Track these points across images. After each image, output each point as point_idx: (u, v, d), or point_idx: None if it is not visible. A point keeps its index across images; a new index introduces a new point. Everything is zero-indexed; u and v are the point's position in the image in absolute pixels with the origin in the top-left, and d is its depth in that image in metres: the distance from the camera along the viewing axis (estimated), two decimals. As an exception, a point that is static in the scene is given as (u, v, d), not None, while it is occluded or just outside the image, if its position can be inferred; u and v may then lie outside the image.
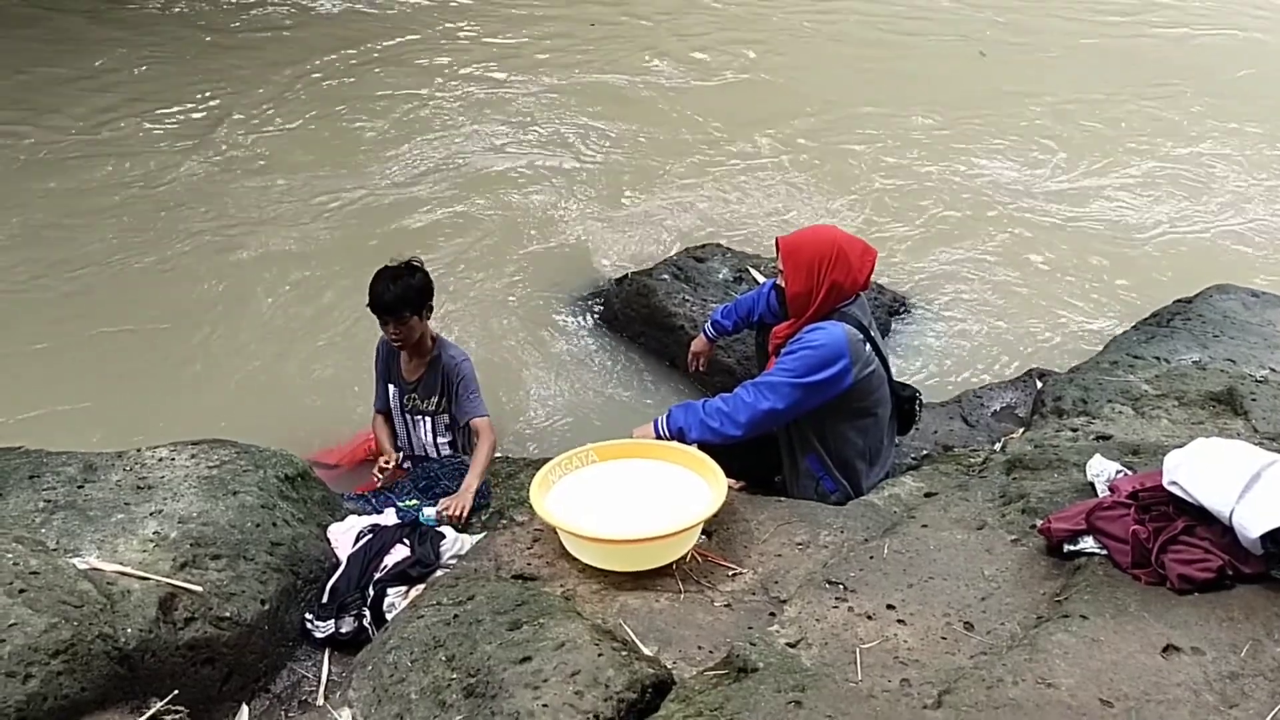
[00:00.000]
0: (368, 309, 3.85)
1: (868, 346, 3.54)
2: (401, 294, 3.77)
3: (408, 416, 4.12)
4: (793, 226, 5.85)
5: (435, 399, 4.04)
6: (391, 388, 4.12)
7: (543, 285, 5.79)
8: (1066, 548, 2.63)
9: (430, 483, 3.89)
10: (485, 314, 5.51)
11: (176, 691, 2.62)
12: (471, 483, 3.72)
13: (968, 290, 5.85)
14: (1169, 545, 2.46)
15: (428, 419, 4.08)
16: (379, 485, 3.95)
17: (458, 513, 3.58)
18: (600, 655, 2.37)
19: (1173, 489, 2.53)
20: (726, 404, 3.47)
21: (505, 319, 5.50)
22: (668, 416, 3.56)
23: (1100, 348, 4.78)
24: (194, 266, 5.83)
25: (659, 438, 3.51)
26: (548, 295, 5.71)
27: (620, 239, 6.22)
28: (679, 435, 3.48)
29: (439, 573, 3.17)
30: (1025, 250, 6.25)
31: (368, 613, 3.07)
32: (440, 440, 4.11)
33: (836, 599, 2.58)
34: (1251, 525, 2.34)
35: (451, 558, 3.26)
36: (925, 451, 4.26)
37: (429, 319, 3.95)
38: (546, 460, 3.30)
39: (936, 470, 3.73)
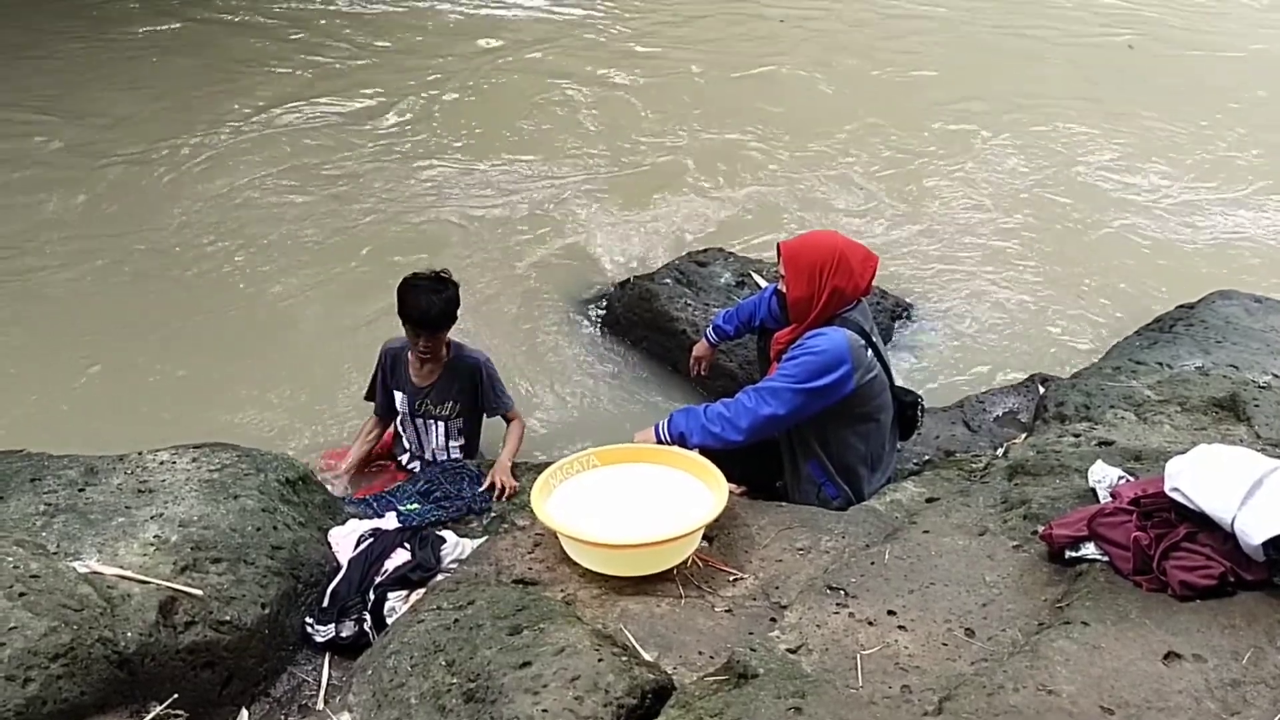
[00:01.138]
0: (386, 316, 3.85)
1: (869, 352, 3.53)
2: (445, 309, 3.79)
3: (419, 421, 4.10)
4: (795, 231, 5.86)
5: (449, 404, 4.05)
6: (399, 394, 4.09)
7: (544, 289, 5.79)
8: (1068, 554, 2.63)
9: (431, 486, 3.88)
10: (487, 317, 5.50)
11: (176, 695, 2.62)
12: (505, 462, 3.87)
13: (970, 295, 5.84)
14: (1171, 552, 2.45)
15: (440, 424, 4.08)
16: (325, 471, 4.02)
17: (502, 487, 3.74)
18: (600, 660, 2.36)
19: (1175, 495, 2.52)
20: (728, 409, 3.47)
21: (506, 322, 5.50)
22: (669, 421, 3.56)
23: (1103, 353, 4.77)
24: (199, 269, 5.84)
25: (660, 442, 3.51)
26: (549, 299, 5.71)
27: (622, 243, 6.22)
28: (680, 440, 3.48)
29: (439, 577, 3.17)
30: (1028, 255, 6.25)
31: (368, 617, 3.07)
32: (453, 444, 4.12)
33: (837, 605, 2.57)
34: (1254, 532, 2.34)
35: (452, 562, 3.25)
36: (927, 457, 4.25)
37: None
38: (548, 465, 3.31)
39: (938, 476, 3.72)
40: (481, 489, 3.76)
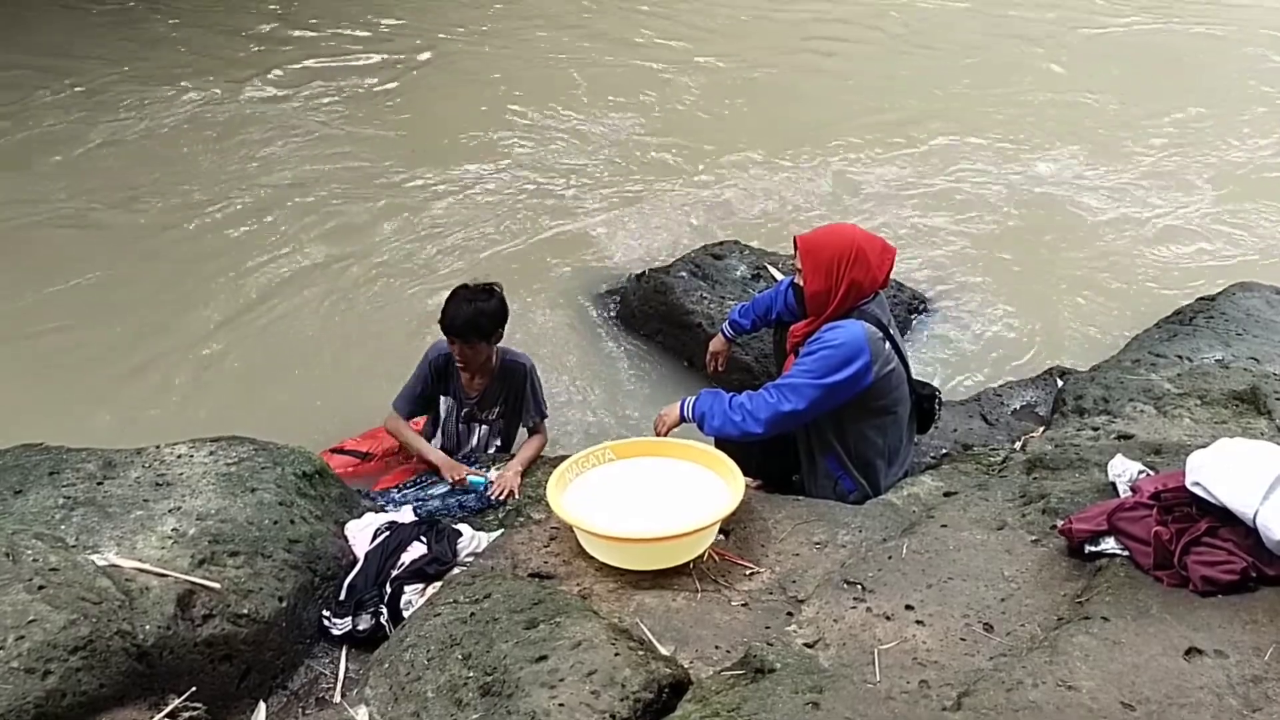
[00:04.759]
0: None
1: (887, 344, 3.52)
2: (473, 318, 3.75)
3: (462, 426, 4.12)
4: (812, 224, 5.83)
5: (496, 409, 4.07)
6: (445, 399, 4.08)
7: (559, 282, 5.79)
8: (1088, 548, 2.61)
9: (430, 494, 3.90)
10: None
11: (194, 688, 2.62)
12: (517, 466, 3.84)
13: (988, 288, 5.81)
14: (1192, 547, 2.43)
15: (484, 426, 4.11)
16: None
17: (505, 493, 3.72)
18: (617, 655, 2.36)
19: (1195, 490, 2.50)
20: (750, 401, 3.47)
21: (519, 315, 5.45)
22: (696, 398, 3.58)
23: (1122, 346, 4.74)
24: (214, 264, 5.86)
25: (683, 417, 3.57)
26: (564, 292, 5.70)
27: (637, 235, 6.21)
28: (701, 419, 3.51)
29: (456, 570, 3.17)
30: (1046, 247, 6.21)
31: (385, 610, 3.07)
32: (492, 443, 4.15)
33: (854, 599, 2.56)
34: (1276, 527, 2.32)
35: (468, 556, 3.26)
36: (944, 450, 4.23)
37: (498, 342, 3.93)
38: (563, 458, 3.30)
39: (956, 469, 3.70)
40: (483, 484, 3.79)
